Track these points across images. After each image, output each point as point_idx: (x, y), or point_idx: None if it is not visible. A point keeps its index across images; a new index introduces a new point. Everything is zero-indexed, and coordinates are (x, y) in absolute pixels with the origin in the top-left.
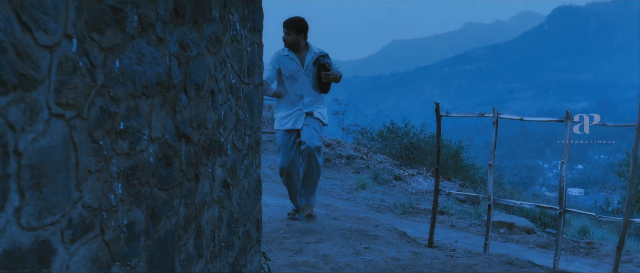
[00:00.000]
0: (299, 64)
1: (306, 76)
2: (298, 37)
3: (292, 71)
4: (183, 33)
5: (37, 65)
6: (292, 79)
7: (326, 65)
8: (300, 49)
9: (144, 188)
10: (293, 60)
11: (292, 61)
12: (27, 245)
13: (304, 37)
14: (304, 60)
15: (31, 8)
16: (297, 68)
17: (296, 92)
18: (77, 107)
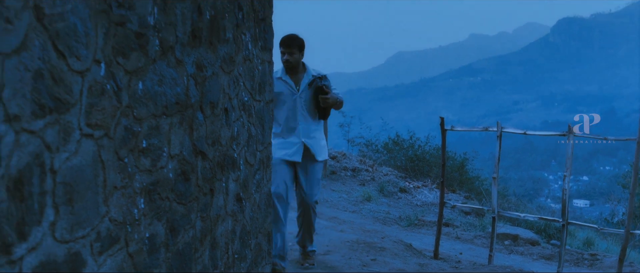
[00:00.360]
0: (293, 87)
1: (301, 100)
2: (300, 57)
3: (285, 95)
4: (199, 54)
5: (70, 89)
6: (286, 104)
7: (324, 88)
8: (298, 70)
9: (164, 202)
10: (286, 83)
11: (286, 84)
12: (61, 257)
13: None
14: (299, 83)
15: (65, 37)
16: (291, 92)
17: (290, 118)
18: (105, 127)
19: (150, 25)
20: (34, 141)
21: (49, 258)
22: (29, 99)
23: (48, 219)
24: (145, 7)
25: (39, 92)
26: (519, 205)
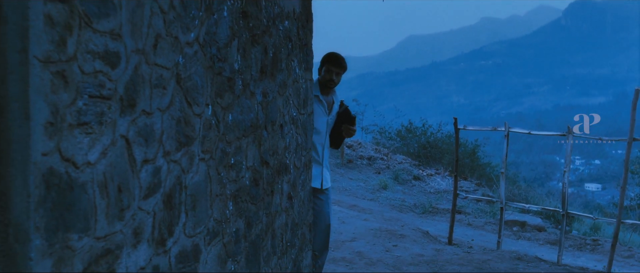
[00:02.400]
0: (325, 109)
1: (327, 125)
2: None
3: (317, 116)
4: (265, 85)
5: (193, 128)
6: (317, 125)
7: (354, 119)
8: (330, 92)
9: (244, 204)
10: (321, 102)
11: (320, 104)
12: (189, 247)
13: None
14: (331, 106)
15: (192, 91)
16: (323, 113)
17: (317, 143)
18: (211, 152)
19: (236, 70)
20: (176, 167)
21: (183, 248)
22: (174, 138)
23: (182, 221)
24: (233, 56)
25: (178, 133)
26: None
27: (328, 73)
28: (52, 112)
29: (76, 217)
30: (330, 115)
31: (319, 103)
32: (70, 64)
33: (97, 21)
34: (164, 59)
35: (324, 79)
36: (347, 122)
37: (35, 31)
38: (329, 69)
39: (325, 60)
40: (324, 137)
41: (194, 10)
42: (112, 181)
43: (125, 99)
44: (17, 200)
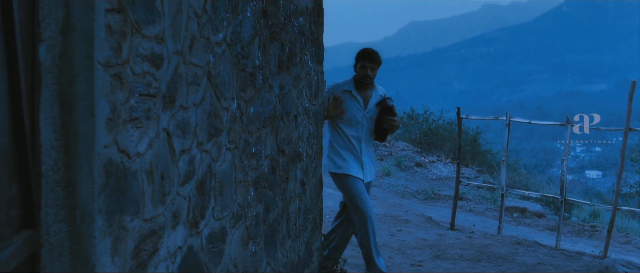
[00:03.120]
0: (361, 104)
1: (366, 120)
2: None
3: (351, 112)
4: (281, 78)
5: (221, 120)
6: (350, 121)
7: (393, 110)
8: (368, 87)
9: (263, 190)
10: (355, 99)
11: (353, 100)
12: (217, 230)
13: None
14: (367, 101)
15: (221, 87)
16: (358, 108)
17: (353, 137)
18: (235, 141)
19: (257, 66)
20: (207, 157)
21: (212, 230)
22: (205, 130)
23: (211, 205)
24: (255, 53)
25: (209, 125)
26: (529, 178)
27: (363, 69)
28: (111, 110)
29: (129, 201)
30: (366, 109)
31: (353, 99)
32: (125, 66)
33: (145, 27)
34: (198, 59)
35: (360, 75)
36: (386, 114)
37: (99, 39)
38: (363, 64)
39: (359, 56)
40: (360, 132)
41: (223, 12)
42: (156, 169)
43: (166, 96)
44: (83, 187)
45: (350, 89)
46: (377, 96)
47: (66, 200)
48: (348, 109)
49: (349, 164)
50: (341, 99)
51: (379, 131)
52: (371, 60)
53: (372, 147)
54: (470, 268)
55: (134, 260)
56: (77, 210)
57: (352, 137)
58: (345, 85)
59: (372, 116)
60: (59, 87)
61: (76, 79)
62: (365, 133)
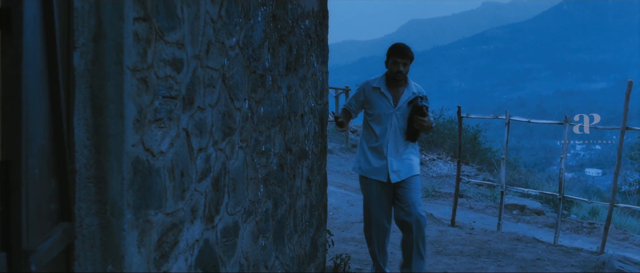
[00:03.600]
0: (391, 102)
1: (396, 118)
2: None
3: (381, 110)
4: (289, 79)
5: (234, 120)
6: (379, 119)
7: (424, 109)
8: (400, 84)
9: (272, 187)
10: (384, 96)
11: (383, 97)
12: (230, 224)
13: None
14: (398, 98)
15: (234, 88)
16: (388, 107)
17: (382, 136)
18: (247, 140)
19: (266, 68)
20: (222, 155)
21: (226, 224)
22: (220, 129)
23: (225, 201)
24: (265, 56)
25: (223, 125)
26: (528, 176)
27: (394, 65)
28: (138, 111)
29: (153, 196)
30: (396, 107)
31: (382, 96)
32: (149, 71)
33: (167, 34)
34: (213, 62)
35: (392, 71)
36: (417, 113)
37: (127, 46)
38: (394, 60)
39: (391, 52)
40: (388, 130)
41: (236, 17)
42: (177, 167)
43: (186, 97)
44: (113, 183)
45: (380, 86)
46: (409, 93)
47: (98, 195)
48: (377, 106)
49: (370, 165)
50: (340, 119)
51: (410, 130)
52: (403, 56)
53: (405, 146)
54: (471, 263)
55: (157, 252)
56: (108, 204)
57: (379, 135)
58: (376, 82)
59: (404, 114)
60: (91, 91)
61: (107, 82)
62: (394, 131)
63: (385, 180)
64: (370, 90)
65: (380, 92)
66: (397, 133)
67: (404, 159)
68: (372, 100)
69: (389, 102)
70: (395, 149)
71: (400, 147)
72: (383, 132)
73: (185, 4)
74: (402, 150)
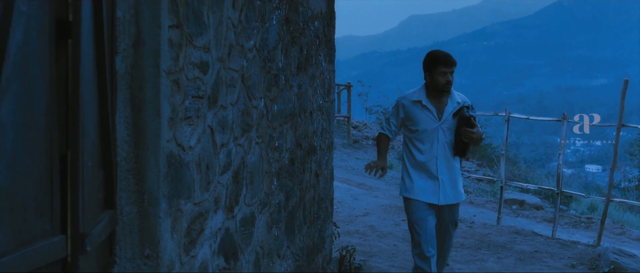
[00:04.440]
0: (434, 115)
1: (442, 132)
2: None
3: (425, 125)
4: (300, 78)
5: (251, 118)
6: (424, 136)
7: (471, 120)
8: (443, 94)
9: (284, 180)
10: (427, 109)
11: (425, 111)
12: (247, 215)
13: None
14: (442, 111)
15: (252, 88)
16: (432, 121)
17: (428, 153)
18: (262, 136)
19: (280, 68)
20: (241, 150)
21: (244, 215)
22: (240, 126)
23: (243, 193)
24: (278, 57)
25: (242, 122)
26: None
27: (442, 76)
28: (171, 110)
29: (184, 187)
30: (441, 121)
31: (424, 110)
32: (181, 73)
33: (196, 39)
34: (234, 64)
35: (439, 83)
36: (464, 125)
37: (163, 51)
38: (442, 71)
39: (435, 61)
40: (435, 147)
41: (254, 22)
42: (203, 161)
43: (211, 97)
44: (150, 175)
45: (421, 99)
46: (453, 104)
47: (136, 185)
48: (420, 122)
49: (415, 185)
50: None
51: (458, 144)
52: (450, 64)
53: (455, 163)
54: (471, 255)
55: (187, 238)
56: (146, 194)
57: (426, 152)
58: (415, 94)
59: (450, 127)
60: (131, 92)
61: (145, 84)
62: (442, 147)
63: (437, 202)
64: (410, 104)
65: (422, 105)
66: (445, 148)
67: (455, 179)
68: (414, 116)
69: (433, 115)
70: (446, 167)
71: (451, 166)
72: (429, 149)
73: (211, 10)
74: (452, 167)
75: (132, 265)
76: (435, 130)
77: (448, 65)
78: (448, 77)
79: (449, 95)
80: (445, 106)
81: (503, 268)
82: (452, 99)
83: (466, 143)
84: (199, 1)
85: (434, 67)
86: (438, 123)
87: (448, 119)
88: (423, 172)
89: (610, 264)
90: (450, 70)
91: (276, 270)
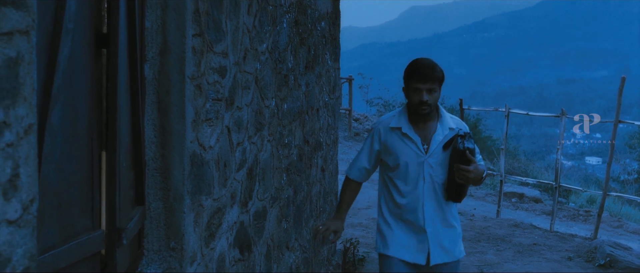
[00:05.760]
0: (418, 146)
1: (430, 169)
2: (438, 96)
3: (407, 158)
4: (307, 77)
5: (264, 117)
6: (405, 174)
7: (466, 154)
8: (428, 118)
9: (292, 175)
10: (408, 138)
11: (407, 141)
12: (260, 209)
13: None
14: (429, 140)
15: (264, 88)
16: (416, 154)
17: (412, 196)
18: (273, 134)
19: (289, 68)
20: (254, 148)
21: (257, 209)
22: (253, 125)
23: (256, 188)
24: (288, 57)
25: (256, 121)
26: (528, 165)
27: (415, 93)
28: (194, 113)
29: (204, 184)
30: (428, 153)
31: (405, 139)
32: (202, 78)
33: (215, 46)
34: (249, 67)
35: (411, 102)
36: (458, 160)
37: (188, 59)
38: (414, 87)
39: (407, 73)
40: (421, 189)
41: (266, 26)
42: (221, 159)
43: (228, 99)
44: (176, 173)
45: (400, 125)
46: (444, 131)
47: (163, 183)
48: (400, 154)
49: (395, 238)
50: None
51: (451, 186)
52: (426, 79)
53: (449, 208)
54: (471, 248)
55: (207, 232)
56: (171, 191)
57: (409, 195)
58: (393, 119)
59: (440, 162)
60: (157, 96)
61: (171, 89)
62: (430, 189)
63: (423, 262)
64: (388, 132)
65: (402, 134)
66: (435, 190)
67: (450, 231)
68: (392, 147)
69: (417, 146)
70: (436, 215)
71: (442, 211)
72: (413, 190)
73: (228, 18)
74: (445, 215)
75: (159, 257)
76: (421, 166)
77: (423, 80)
78: (422, 95)
79: (437, 119)
80: (433, 134)
81: (502, 260)
82: (442, 125)
83: (462, 184)
84: (218, 10)
85: (407, 80)
86: (423, 156)
87: (437, 151)
88: (405, 222)
89: (606, 257)
90: (427, 86)
91: (285, 261)
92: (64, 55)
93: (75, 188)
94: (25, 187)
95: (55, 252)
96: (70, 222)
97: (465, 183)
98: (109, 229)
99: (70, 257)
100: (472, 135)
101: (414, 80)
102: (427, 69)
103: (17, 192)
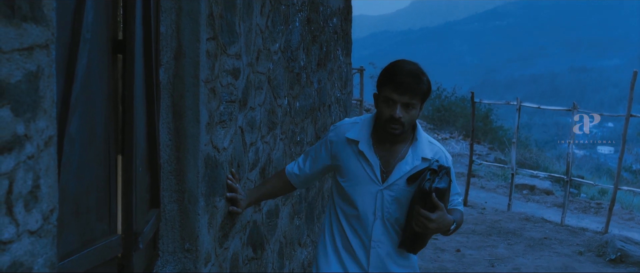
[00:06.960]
0: (375, 172)
1: (387, 202)
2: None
3: (358, 183)
4: (319, 74)
5: (276, 116)
6: (353, 200)
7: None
8: (399, 139)
9: None
10: (364, 158)
11: (362, 162)
12: (273, 207)
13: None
14: (391, 166)
15: (277, 87)
16: (369, 181)
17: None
18: (286, 132)
19: (302, 66)
20: (267, 147)
21: (270, 207)
22: (266, 125)
23: None
24: (300, 56)
25: (269, 121)
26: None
27: (385, 104)
28: (208, 115)
29: (218, 185)
30: (386, 183)
31: (361, 159)
32: (216, 81)
33: (229, 48)
34: (262, 67)
35: (381, 115)
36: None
37: (202, 62)
38: (386, 96)
39: (381, 78)
40: (371, 226)
41: (279, 25)
42: (234, 160)
43: (241, 100)
44: (190, 175)
45: (360, 138)
46: (415, 159)
47: (178, 185)
48: (351, 175)
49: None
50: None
51: (406, 233)
52: (402, 89)
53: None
54: (482, 241)
55: (221, 232)
56: (186, 193)
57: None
58: (354, 129)
59: (400, 197)
60: (172, 100)
61: (185, 93)
62: (382, 228)
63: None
64: (341, 142)
65: (358, 152)
66: (389, 231)
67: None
68: (345, 162)
69: (373, 171)
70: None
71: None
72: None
73: (241, 20)
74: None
75: (174, 258)
76: (374, 197)
77: (400, 90)
78: (395, 110)
79: (410, 144)
80: (399, 161)
81: (513, 254)
82: (415, 152)
83: (419, 234)
84: (231, 12)
85: (380, 86)
86: (379, 186)
87: (398, 184)
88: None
89: (617, 251)
90: (404, 99)
91: (297, 257)
92: (82, 65)
93: (93, 194)
94: (46, 197)
95: (74, 258)
96: (88, 227)
97: (424, 233)
98: (126, 233)
99: (88, 262)
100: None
101: (389, 88)
102: (408, 77)
103: (37, 203)
